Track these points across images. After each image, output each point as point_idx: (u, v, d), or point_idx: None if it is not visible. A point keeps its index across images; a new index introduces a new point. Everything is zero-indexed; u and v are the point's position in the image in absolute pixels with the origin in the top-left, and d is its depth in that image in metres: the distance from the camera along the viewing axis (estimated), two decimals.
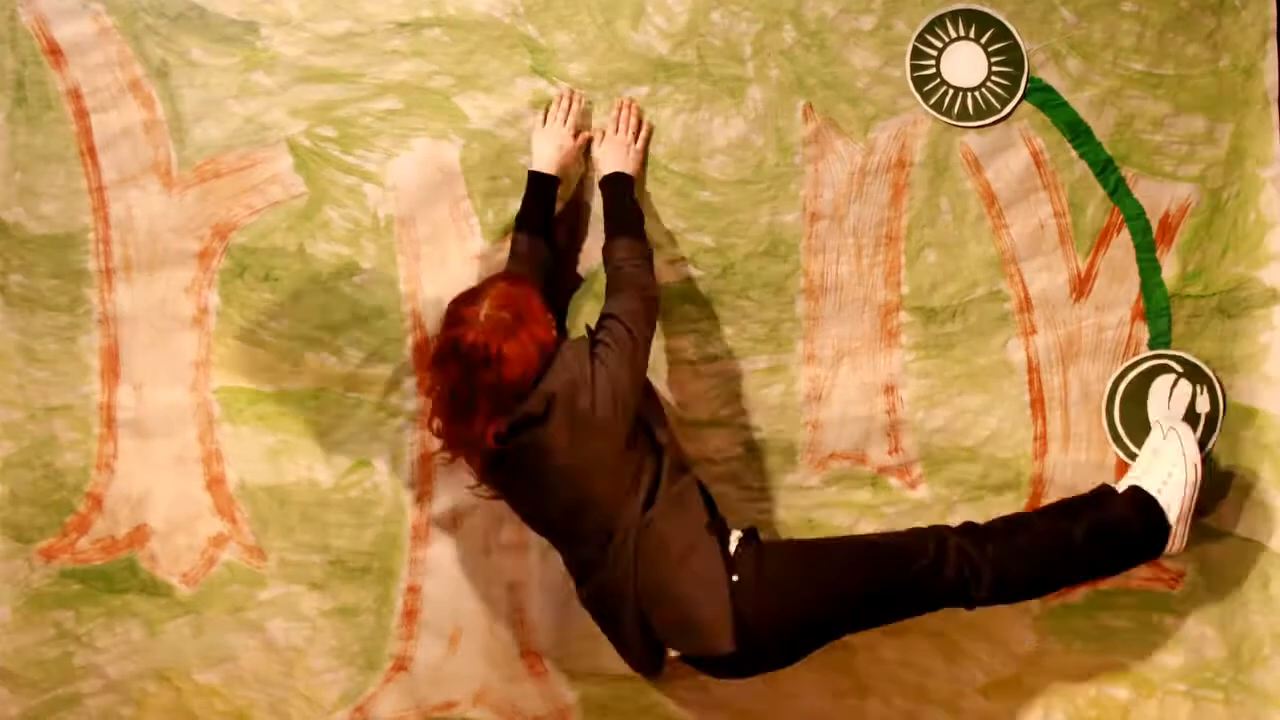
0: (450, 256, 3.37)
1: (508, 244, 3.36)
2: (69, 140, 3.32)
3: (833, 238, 3.43)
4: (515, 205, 3.37)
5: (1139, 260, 3.46)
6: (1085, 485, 3.42)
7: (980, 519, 3.39)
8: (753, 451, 3.39)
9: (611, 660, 3.32)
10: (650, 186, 3.40)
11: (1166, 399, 3.40)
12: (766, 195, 3.42)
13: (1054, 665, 3.40)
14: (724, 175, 3.40)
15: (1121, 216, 3.46)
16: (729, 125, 3.42)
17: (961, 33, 3.42)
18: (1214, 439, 3.39)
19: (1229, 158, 3.46)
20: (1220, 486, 3.41)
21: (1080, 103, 3.46)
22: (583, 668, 3.35)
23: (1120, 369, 3.41)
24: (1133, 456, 3.38)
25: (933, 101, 3.41)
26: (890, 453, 3.42)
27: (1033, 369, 3.44)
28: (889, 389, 3.43)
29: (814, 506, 3.40)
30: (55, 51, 3.32)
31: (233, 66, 3.36)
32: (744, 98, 3.42)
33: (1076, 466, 3.43)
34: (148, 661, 3.25)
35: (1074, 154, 3.45)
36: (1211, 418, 3.39)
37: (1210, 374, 3.39)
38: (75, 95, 3.32)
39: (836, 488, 3.41)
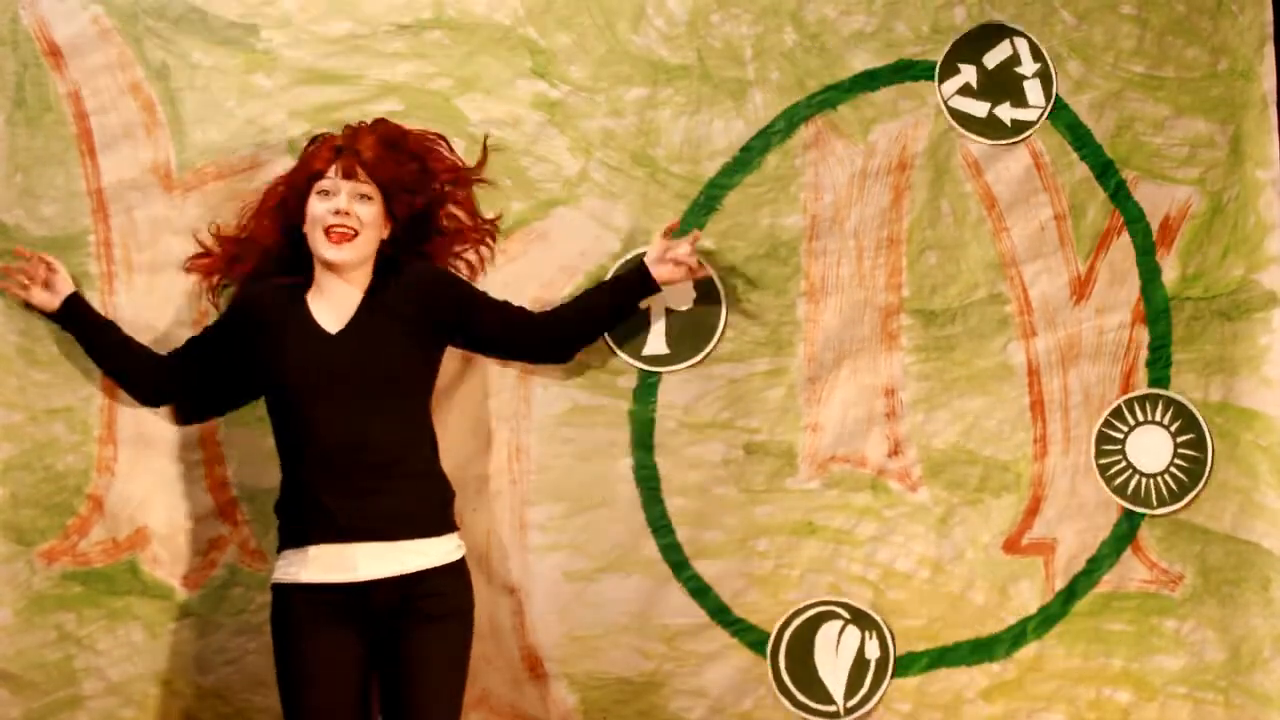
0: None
1: (507, 245, 3.36)
2: (69, 142, 3.31)
3: (833, 240, 3.43)
4: (516, 207, 3.37)
5: (1139, 263, 3.46)
6: (1084, 487, 3.42)
7: (980, 521, 3.40)
8: (753, 454, 3.39)
9: (612, 663, 3.33)
10: (650, 188, 3.40)
11: (834, 646, 3.38)
12: (767, 198, 3.42)
13: (1055, 668, 3.40)
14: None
15: (1122, 219, 3.46)
16: (730, 128, 3.42)
17: (1151, 417, 3.43)
18: (885, 686, 3.36)
19: (1229, 160, 3.46)
20: (1220, 489, 3.42)
21: (1081, 105, 3.46)
22: (583, 670, 3.34)
23: (786, 615, 3.36)
24: (806, 709, 3.34)
25: (1117, 484, 3.42)
26: (890, 455, 3.42)
27: (1033, 371, 3.44)
28: (889, 391, 3.43)
29: (814, 509, 3.40)
30: (55, 53, 3.31)
31: (233, 68, 3.35)
32: (745, 100, 3.43)
33: (1076, 469, 3.44)
34: (149, 664, 3.24)
35: (1074, 156, 3.46)
36: (881, 663, 3.38)
37: (879, 620, 3.37)
38: (75, 97, 3.31)
39: (837, 490, 3.41)
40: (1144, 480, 3.41)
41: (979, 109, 3.43)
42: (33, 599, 3.21)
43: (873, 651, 3.36)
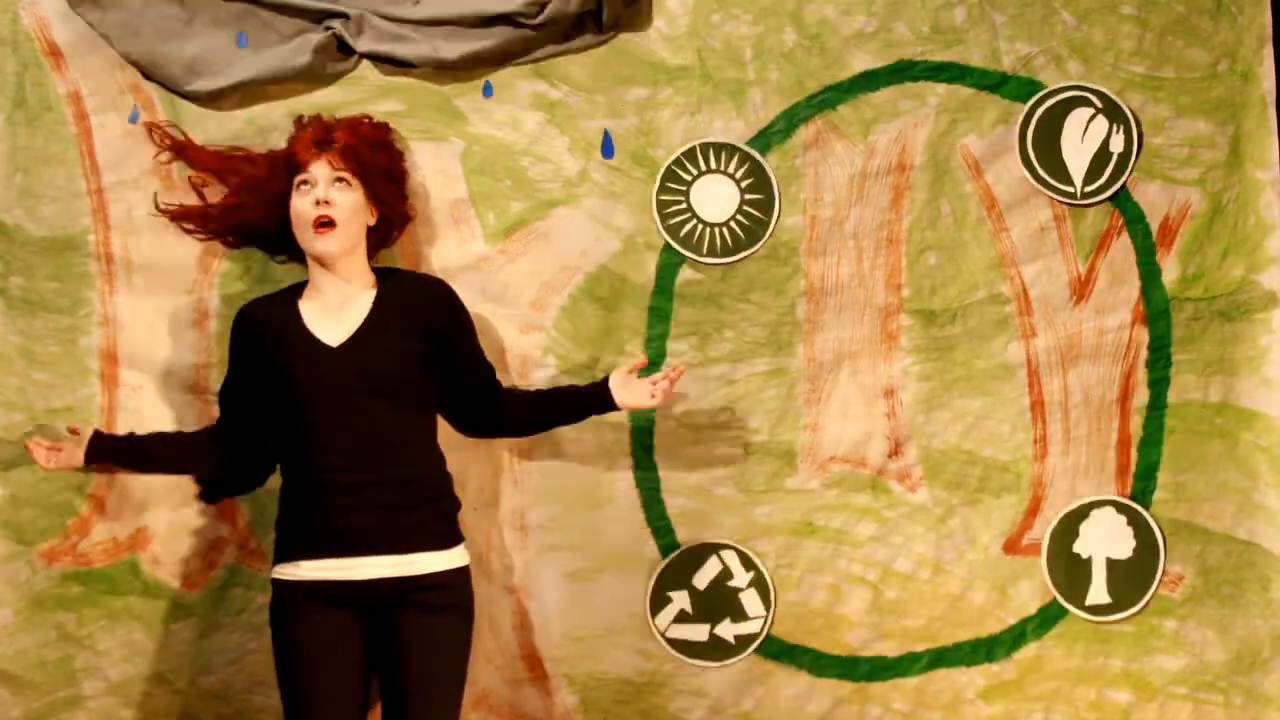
0: (451, 259, 3.37)
1: (507, 246, 3.36)
2: (69, 142, 3.31)
3: (833, 240, 3.43)
4: (516, 208, 3.37)
5: (1139, 263, 3.46)
6: (1085, 488, 3.42)
7: (980, 521, 3.40)
8: (753, 454, 3.39)
9: (612, 663, 3.33)
10: (650, 189, 3.40)
11: (1081, 133, 3.39)
12: None
13: (1055, 669, 3.40)
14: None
15: (1121, 220, 3.46)
16: (730, 128, 3.42)
17: (714, 165, 3.41)
18: (1125, 176, 3.39)
19: (1229, 161, 3.46)
20: (1220, 489, 3.42)
21: None
22: (583, 670, 3.34)
23: (1039, 95, 3.40)
24: (1045, 185, 3.38)
25: (675, 230, 3.38)
26: (890, 456, 3.42)
27: (1032, 372, 3.44)
28: (889, 392, 3.43)
29: (814, 509, 3.40)
30: (55, 53, 3.31)
31: None
32: (745, 100, 3.43)
33: (1076, 469, 3.44)
34: (149, 664, 3.24)
35: None
36: (1124, 157, 3.39)
37: (1129, 113, 3.39)
38: (75, 97, 3.31)
39: (836, 491, 3.41)
40: (704, 228, 3.39)
41: (699, 633, 3.36)
42: (33, 599, 3.22)
43: (1117, 145, 3.41)
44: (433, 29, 3.33)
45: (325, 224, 3.05)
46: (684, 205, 3.38)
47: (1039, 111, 3.40)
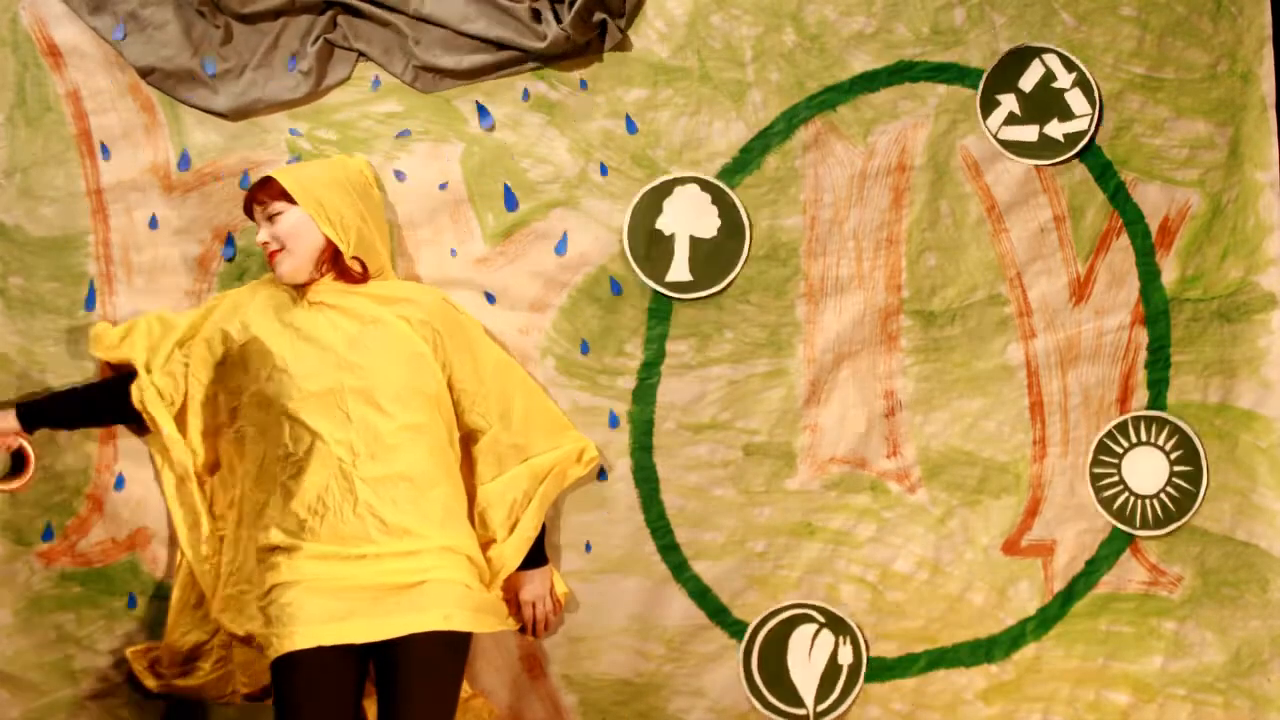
0: (450, 259, 3.37)
1: (508, 246, 3.36)
2: (68, 142, 3.31)
3: (833, 241, 3.43)
4: (516, 208, 3.37)
5: (1138, 264, 3.47)
6: (1083, 489, 3.43)
7: (979, 522, 3.41)
8: (752, 455, 3.39)
9: (611, 663, 3.33)
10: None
11: (808, 650, 3.38)
12: (767, 199, 3.42)
13: (1054, 670, 3.40)
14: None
15: (1121, 220, 3.47)
16: (729, 129, 3.42)
17: (1144, 438, 3.43)
18: (856, 692, 3.36)
19: (1228, 162, 3.47)
20: (1219, 490, 3.42)
21: None
22: (582, 671, 3.34)
23: (762, 615, 3.35)
24: (770, 708, 3.33)
25: (1106, 497, 3.44)
26: (889, 456, 3.42)
27: (1032, 373, 3.45)
28: (888, 393, 3.43)
29: (813, 510, 3.40)
30: (55, 53, 3.31)
31: None
32: (745, 101, 3.43)
33: (1075, 470, 3.44)
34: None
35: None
36: (854, 668, 3.37)
37: (853, 625, 3.36)
38: (75, 97, 3.31)
39: (836, 491, 3.41)
40: (1135, 500, 3.41)
41: (1029, 133, 3.43)
42: (32, 599, 3.21)
43: (845, 657, 3.36)
44: (432, 30, 3.34)
45: (273, 252, 3.08)
46: (1116, 479, 3.43)
47: (761, 635, 3.35)
